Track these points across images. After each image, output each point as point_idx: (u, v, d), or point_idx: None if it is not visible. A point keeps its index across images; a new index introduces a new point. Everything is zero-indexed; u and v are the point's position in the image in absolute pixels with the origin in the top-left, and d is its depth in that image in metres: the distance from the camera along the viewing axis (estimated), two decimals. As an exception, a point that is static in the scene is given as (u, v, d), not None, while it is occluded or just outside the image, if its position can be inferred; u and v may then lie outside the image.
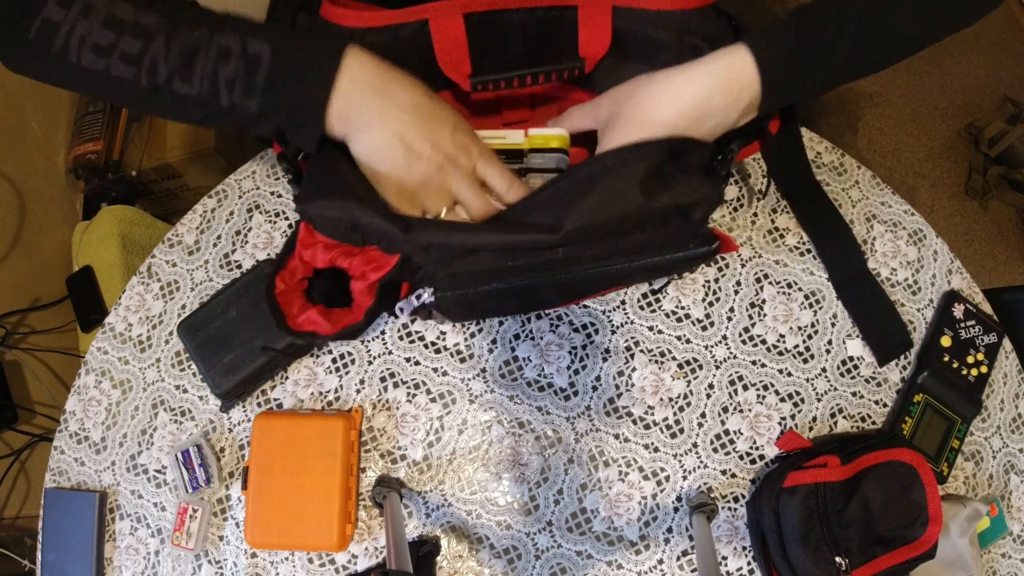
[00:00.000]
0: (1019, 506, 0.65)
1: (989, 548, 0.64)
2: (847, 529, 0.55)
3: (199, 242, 0.68)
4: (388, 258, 0.47)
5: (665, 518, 0.62)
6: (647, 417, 0.63)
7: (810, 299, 0.67)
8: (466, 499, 0.62)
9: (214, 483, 0.62)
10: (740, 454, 0.63)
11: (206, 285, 0.67)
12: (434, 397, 0.63)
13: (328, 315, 0.53)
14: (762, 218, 0.69)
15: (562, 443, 0.63)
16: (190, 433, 0.64)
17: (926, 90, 1.72)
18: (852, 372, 0.65)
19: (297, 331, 0.52)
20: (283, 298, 0.51)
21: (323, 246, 0.47)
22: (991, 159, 1.64)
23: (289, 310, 0.52)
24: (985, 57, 1.75)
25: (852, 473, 0.57)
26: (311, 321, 0.52)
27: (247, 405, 0.64)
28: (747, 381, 0.64)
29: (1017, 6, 1.79)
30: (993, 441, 0.66)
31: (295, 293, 0.52)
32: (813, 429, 0.64)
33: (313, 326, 0.52)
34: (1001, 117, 1.66)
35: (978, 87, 1.72)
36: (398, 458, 0.63)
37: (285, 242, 0.49)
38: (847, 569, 0.54)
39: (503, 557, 0.61)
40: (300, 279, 0.51)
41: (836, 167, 0.71)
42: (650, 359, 0.64)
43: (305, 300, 0.53)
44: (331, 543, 0.58)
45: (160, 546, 0.62)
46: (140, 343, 0.66)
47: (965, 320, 0.66)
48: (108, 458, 0.64)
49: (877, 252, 0.69)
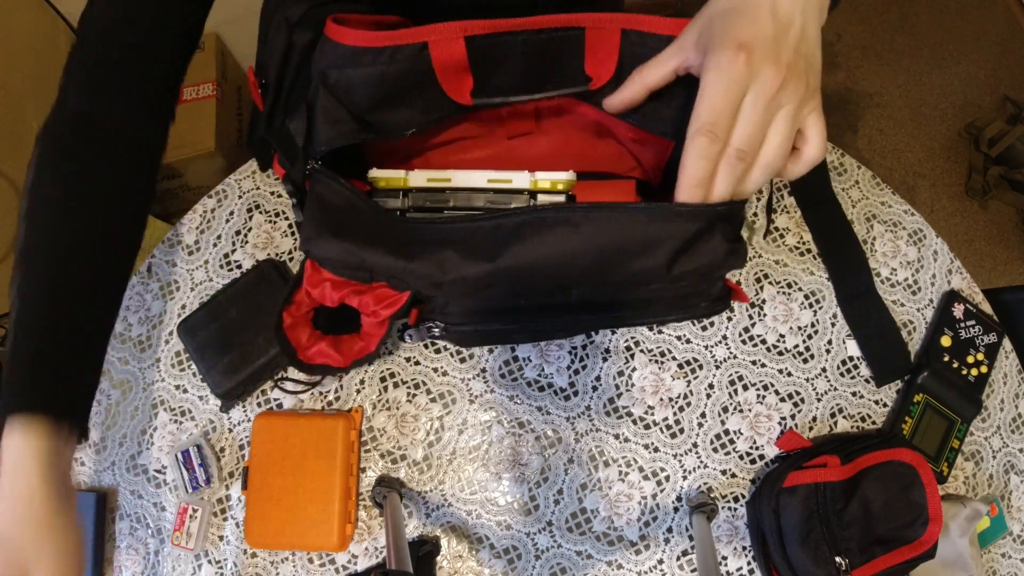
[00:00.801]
0: (1019, 506, 0.65)
1: (989, 548, 0.64)
2: (847, 529, 0.55)
3: (199, 242, 0.68)
4: (399, 295, 0.46)
5: (665, 518, 0.62)
6: (647, 417, 0.63)
7: (810, 299, 0.67)
8: (466, 499, 0.62)
9: (214, 483, 0.62)
10: (740, 454, 0.63)
11: (206, 285, 0.67)
12: (434, 397, 0.63)
13: (338, 345, 0.53)
14: (762, 218, 0.69)
15: (562, 443, 0.63)
16: (190, 433, 0.64)
17: (926, 90, 1.72)
18: (852, 372, 0.65)
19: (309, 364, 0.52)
20: (291, 332, 0.52)
21: (331, 284, 0.47)
22: (991, 159, 1.64)
23: (299, 342, 0.52)
24: (985, 57, 1.75)
25: (852, 473, 0.57)
26: (322, 354, 0.52)
27: (247, 405, 0.64)
28: (747, 381, 0.64)
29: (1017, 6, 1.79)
30: (993, 441, 0.66)
31: (302, 324, 0.52)
32: (813, 429, 0.64)
33: (325, 359, 0.52)
34: (1001, 117, 1.66)
35: (978, 87, 1.72)
36: (398, 458, 0.63)
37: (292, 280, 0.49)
38: (847, 569, 0.54)
39: (503, 557, 0.61)
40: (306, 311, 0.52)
41: (836, 167, 0.71)
42: (650, 359, 0.64)
43: (313, 329, 0.53)
44: (331, 543, 0.58)
45: (160, 546, 0.62)
46: (140, 343, 0.66)
47: (965, 320, 0.66)
48: (108, 458, 0.64)
49: (877, 252, 0.69)
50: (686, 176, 0.38)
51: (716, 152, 0.38)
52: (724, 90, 0.37)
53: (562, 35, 0.47)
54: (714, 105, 0.37)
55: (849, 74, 1.72)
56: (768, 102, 0.37)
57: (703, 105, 0.37)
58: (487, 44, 0.46)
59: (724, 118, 0.37)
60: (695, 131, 0.37)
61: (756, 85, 0.37)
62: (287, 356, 0.51)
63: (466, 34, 0.46)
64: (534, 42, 0.47)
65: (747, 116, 0.37)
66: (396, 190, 0.50)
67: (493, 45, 0.47)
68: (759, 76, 0.37)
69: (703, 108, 0.37)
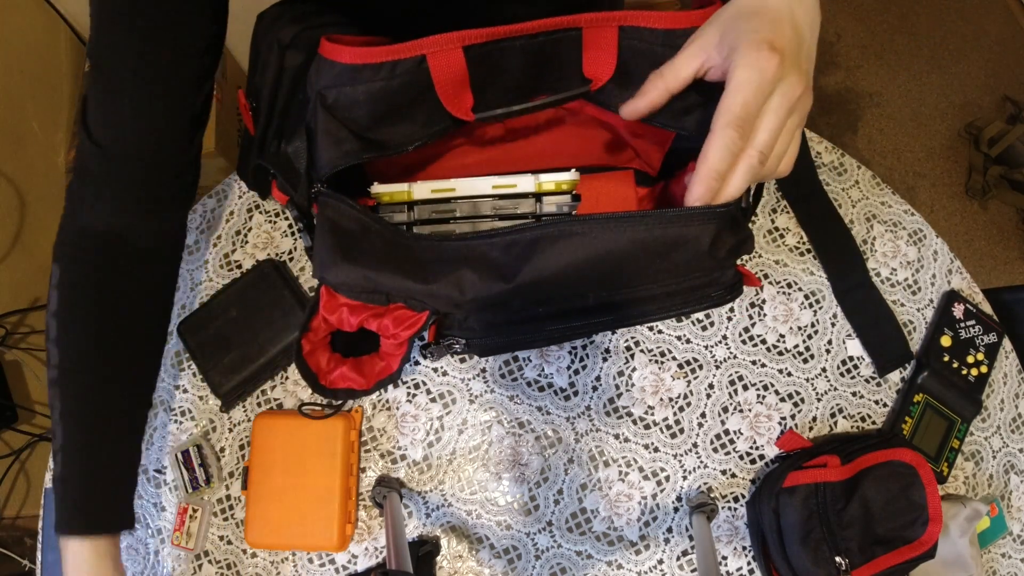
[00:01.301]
0: (1019, 506, 0.65)
1: (989, 548, 0.64)
2: (847, 529, 0.55)
3: (199, 242, 0.68)
4: (418, 315, 0.46)
5: (665, 518, 0.62)
6: (647, 417, 0.63)
7: (810, 299, 0.67)
8: (466, 499, 0.62)
9: (214, 483, 0.62)
10: (740, 454, 0.63)
11: (206, 285, 0.67)
12: (434, 397, 0.63)
13: (359, 368, 0.53)
14: (762, 218, 0.69)
15: (562, 443, 0.63)
16: (190, 433, 0.64)
17: (926, 90, 1.72)
18: (852, 372, 0.65)
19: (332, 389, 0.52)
20: (311, 358, 0.52)
21: (348, 309, 0.47)
22: (991, 159, 1.64)
23: (319, 368, 0.52)
24: (985, 57, 1.75)
25: (852, 473, 0.57)
26: (344, 378, 0.53)
27: (247, 405, 0.64)
28: (747, 381, 0.64)
29: (1017, 6, 1.79)
30: (993, 441, 0.66)
31: (321, 348, 0.53)
32: (813, 429, 0.64)
33: (347, 382, 0.53)
34: (1001, 117, 1.66)
35: (978, 87, 1.72)
36: (398, 458, 0.63)
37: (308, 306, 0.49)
38: (847, 569, 0.54)
39: (503, 557, 0.61)
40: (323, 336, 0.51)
41: (836, 167, 0.71)
42: (650, 359, 0.64)
43: (332, 353, 0.53)
44: (331, 543, 0.58)
45: (160, 546, 0.62)
46: (140, 343, 0.66)
47: (965, 320, 0.66)
48: (108, 458, 0.64)
49: (877, 252, 0.69)
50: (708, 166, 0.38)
51: (740, 148, 0.37)
52: (756, 88, 0.37)
53: (559, 36, 0.46)
54: (747, 100, 0.37)
55: (849, 74, 1.72)
56: (790, 107, 0.38)
57: (736, 99, 0.37)
58: (485, 52, 0.46)
59: (754, 116, 0.37)
60: (725, 123, 0.37)
61: (783, 87, 0.37)
62: (308, 383, 0.51)
63: (464, 44, 0.45)
64: (532, 46, 0.46)
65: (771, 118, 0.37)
66: (401, 204, 0.49)
67: (491, 52, 0.46)
68: (787, 80, 0.37)
69: (735, 102, 0.37)
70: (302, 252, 0.67)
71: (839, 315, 0.66)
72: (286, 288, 0.62)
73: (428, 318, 0.46)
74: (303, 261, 0.67)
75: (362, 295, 0.45)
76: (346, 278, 0.43)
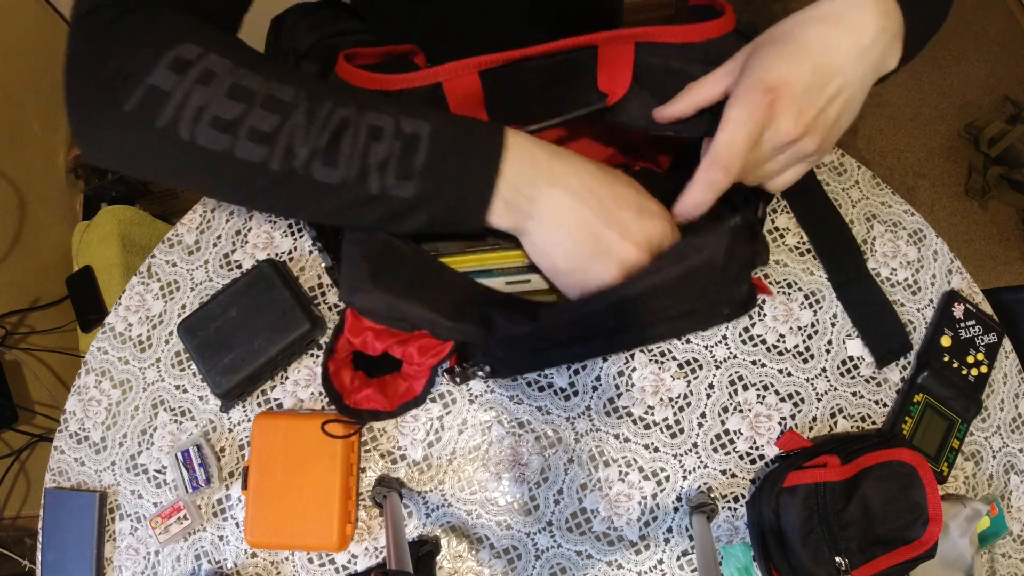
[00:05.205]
0: (1019, 506, 0.65)
1: (989, 548, 0.64)
2: (847, 529, 0.55)
3: (199, 242, 0.68)
4: (443, 345, 0.46)
5: (665, 518, 0.62)
6: (647, 417, 0.63)
7: (810, 299, 0.67)
8: (466, 499, 0.62)
9: (214, 483, 0.62)
10: (740, 454, 0.63)
11: (206, 285, 0.67)
12: (434, 397, 0.63)
13: (384, 389, 0.53)
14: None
15: (562, 443, 0.63)
16: (190, 433, 0.64)
17: (926, 90, 1.72)
18: (852, 372, 0.65)
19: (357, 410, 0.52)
20: (335, 377, 0.52)
21: (373, 334, 0.46)
22: (991, 159, 1.64)
23: (343, 386, 0.52)
24: (985, 57, 1.75)
25: (852, 473, 0.57)
26: (369, 399, 0.53)
27: (247, 405, 0.64)
28: (747, 381, 0.64)
29: (1017, 6, 1.79)
30: (993, 441, 0.66)
31: (344, 367, 0.53)
32: (813, 429, 0.64)
33: (373, 404, 0.53)
34: (1001, 117, 1.66)
35: (978, 87, 1.72)
36: (398, 458, 0.63)
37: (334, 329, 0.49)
38: (847, 569, 0.54)
39: (503, 557, 0.61)
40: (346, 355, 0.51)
41: (836, 167, 0.71)
42: (650, 359, 0.64)
43: (355, 371, 0.54)
44: (331, 543, 0.58)
45: (160, 546, 0.62)
46: (140, 343, 0.66)
47: (965, 320, 0.66)
48: (108, 458, 0.64)
49: (877, 252, 0.69)
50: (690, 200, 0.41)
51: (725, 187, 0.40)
52: (745, 132, 0.38)
53: (575, 56, 0.46)
54: (735, 142, 0.38)
55: (849, 74, 1.72)
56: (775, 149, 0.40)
57: (724, 140, 0.39)
58: (501, 74, 0.45)
59: (740, 158, 0.39)
60: (711, 163, 0.39)
61: (771, 132, 0.39)
62: (334, 403, 0.51)
63: (480, 68, 0.44)
64: (547, 66, 0.46)
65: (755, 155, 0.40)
66: None
67: (506, 75, 0.46)
68: (776, 124, 0.39)
69: (723, 144, 0.39)
70: (302, 252, 0.67)
71: (839, 315, 0.66)
72: (286, 288, 0.62)
73: (452, 348, 0.46)
74: (303, 261, 0.67)
75: (388, 321, 0.44)
76: (374, 304, 0.43)
